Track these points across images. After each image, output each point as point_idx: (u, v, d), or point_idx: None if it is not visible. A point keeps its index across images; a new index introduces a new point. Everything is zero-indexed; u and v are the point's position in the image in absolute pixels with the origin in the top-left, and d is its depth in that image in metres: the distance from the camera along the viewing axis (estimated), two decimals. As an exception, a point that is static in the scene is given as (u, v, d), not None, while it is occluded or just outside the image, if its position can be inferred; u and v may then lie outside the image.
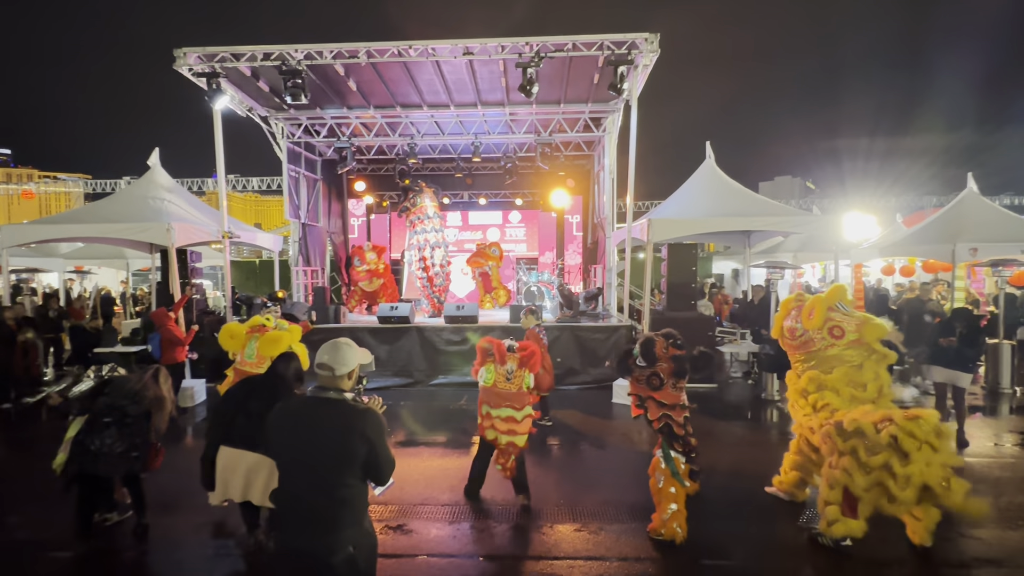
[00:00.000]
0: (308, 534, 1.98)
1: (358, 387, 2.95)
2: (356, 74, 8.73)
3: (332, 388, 2.10)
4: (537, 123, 10.75)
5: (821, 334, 3.80)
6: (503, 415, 4.03)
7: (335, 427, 2.02)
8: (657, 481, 3.68)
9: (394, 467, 2.13)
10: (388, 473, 2.10)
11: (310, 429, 2.04)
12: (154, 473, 3.85)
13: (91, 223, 8.24)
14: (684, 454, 3.63)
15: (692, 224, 8.04)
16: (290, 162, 10.81)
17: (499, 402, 4.04)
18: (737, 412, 6.98)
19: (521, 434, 4.03)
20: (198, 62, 7.73)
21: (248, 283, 16.61)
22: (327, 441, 2.01)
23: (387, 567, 3.38)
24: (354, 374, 2.16)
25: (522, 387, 4.08)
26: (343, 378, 2.11)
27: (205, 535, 3.78)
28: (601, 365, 8.01)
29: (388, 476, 2.11)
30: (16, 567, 3.45)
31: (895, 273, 12.22)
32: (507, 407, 4.03)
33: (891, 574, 3.31)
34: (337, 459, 1.99)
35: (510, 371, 4.08)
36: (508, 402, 4.04)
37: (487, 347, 4.21)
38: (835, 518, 3.41)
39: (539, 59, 7.28)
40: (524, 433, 4.05)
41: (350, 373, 2.13)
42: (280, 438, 2.09)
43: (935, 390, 5.73)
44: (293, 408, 2.13)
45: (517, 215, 14.15)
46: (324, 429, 2.03)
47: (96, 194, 30.44)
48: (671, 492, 3.61)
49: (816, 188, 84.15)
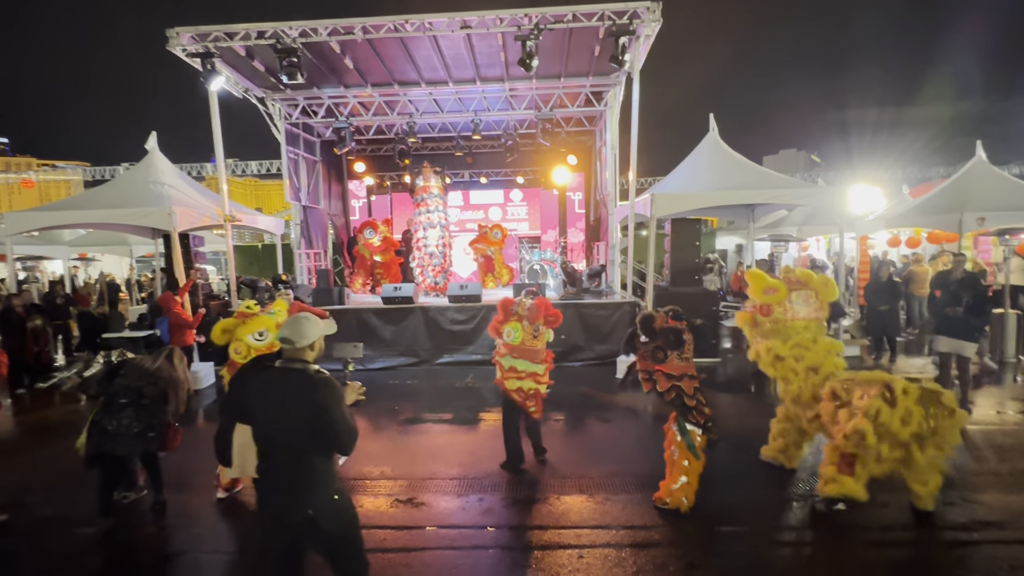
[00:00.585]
0: (275, 496, 2.18)
1: (343, 371, 3.02)
2: (352, 51, 8.57)
3: (296, 359, 2.24)
4: (537, 98, 10.57)
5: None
6: (528, 369, 4.24)
7: (294, 395, 2.17)
8: (672, 452, 3.72)
9: (355, 436, 2.24)
10: (347, 442, 2.21)
11: (275, 398, 2.20)
12: (170, 453, 3.94)
13: (92, 209, 8.23)
14: (698, 425, 3.65)
15: (696, 198, 7.96)
16: (289, 144, 10.71)
17: (527, 357, 4.24)
18: (740, 384, 7.03)
19: (543, 383, 4.30)
20: (191, 42, 7.60)
21: (252, 267, 16.65)
22: (288, 409, 2.17)
23: (398, 538, 3.47)
24: (316, 345, 2.30)
25: (545, 343, 4.33)
26: (304, 350, 2.25)
27: (221, 511, 3.87)
28: (605, 342, 8.04)
29: (348, 445, 2.22)
30: (41, 543, 3.55)
31: (900, 245, 12.11)
32: (530, 360, 4.23)
33: (894, 538, 3.37)
34: (296, 426, 2.15)
35: (537, 329, 4.27)
36: (534, 358, 4.25)
37: (512, 305, 4.35)
38: (831, 478, 3.50)
39: (538, 31, 7.12)
40: (546, 383, 4.33)
41: (312, 345, 2.27)
42: (252, 407, 2.25)
43: (940, 359, 5.73)
44: (262, 379, 2.28)
45: (519, 193, 14.03)
46: (285, 398, 2.18)
47: (95, 181, 30.32)
48: (684, 465, 3.65)
49: (821, 161, 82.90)
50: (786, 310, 4.03)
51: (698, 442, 3.64)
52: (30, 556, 3.43)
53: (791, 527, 3.52)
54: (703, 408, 3.66)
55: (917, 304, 9.47)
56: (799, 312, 4.03)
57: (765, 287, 4.08)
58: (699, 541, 3.36)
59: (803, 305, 4.03)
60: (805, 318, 4.03)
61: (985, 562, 3.11)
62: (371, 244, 11.08)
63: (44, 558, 3.40)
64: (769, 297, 4.06)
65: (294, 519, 2.16)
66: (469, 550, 3.33)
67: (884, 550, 3.26)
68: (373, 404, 6.38)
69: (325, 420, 2.14)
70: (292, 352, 2.25)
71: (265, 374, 2.30)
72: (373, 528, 3.60)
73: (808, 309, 4.05)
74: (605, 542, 3.36)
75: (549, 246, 12.94)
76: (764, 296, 4.08)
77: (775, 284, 4.06)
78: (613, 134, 10.02)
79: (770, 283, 4.08)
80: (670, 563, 3.13)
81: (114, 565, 3.38)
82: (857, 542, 3.35)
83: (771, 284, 4.07)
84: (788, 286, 4.06)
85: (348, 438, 2.20)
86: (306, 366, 2.24)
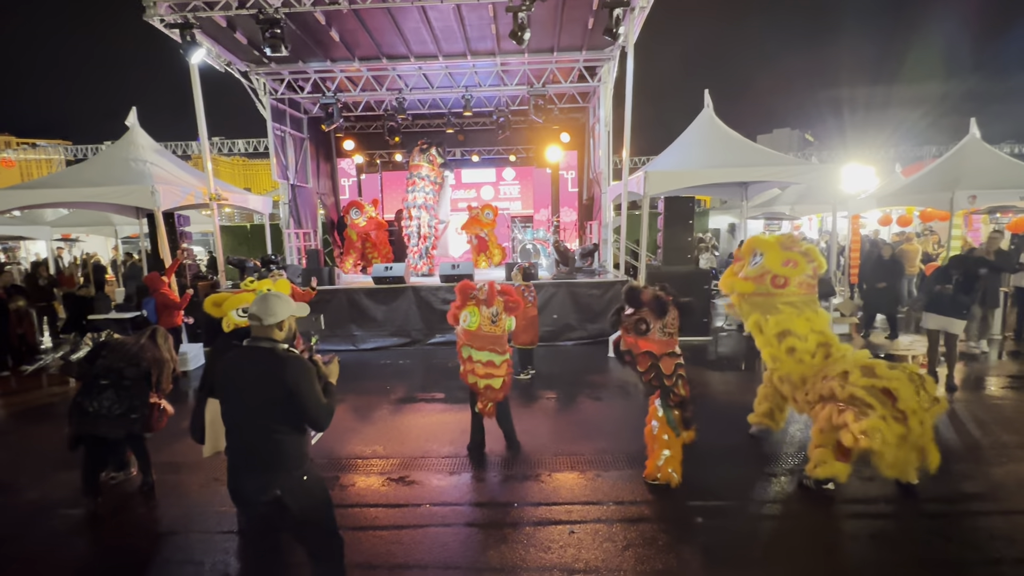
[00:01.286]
0: (242, 475, 2.19)
1: (309, 345, 3.01)
2: (338, 23, 8.29)
3: (264, 338, 2.22)
4: (530, 73, 10.35)
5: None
6: (483, 359, 4.01)
7: (261, 374, 2.16)
8: (652, 428, 3.75)
9: (330, 413, 2.24)
10: (320, 418, 2.20)
11: (243, 377, 2.19)
12: (160, 434, 3.90)
13: (72, 187, 8.00)
14: (677, 404, 3.67)
15: (690, 175, 7.88)
16: (275, 120, 10.45)
17: (483, 345, 4.03)
18: (731, 363, 7.08)
19: (497, 377, 4.03)
20: (169, 12, 7.31)
21: (241, 248, 16.40)
22: (255, 388, 2.16)
23: (391, 516, 3.48)
24: (285, 324, 2.27)
25: (505, 330, 4.06)
26: (272, 328, 2.23)
27: (212, 491, 3.85)
28: (597, 321, 8.04)
29: (322, 421, 2.22)
30: (28, 525, 3.53)
31: (892, 223, 12.16)
32: (489, 350, 4.01)
33: (879, 511, 3.43)
34: (264, 405, 2.15)
35: (495, 314, 4.03)
36: (491, 345, 4.01)
37: (470, 289, 4.13)
38: (821, 460, 3.53)
39: (530, 2, 6.90)
40: (501, 376, 4.04)
41: (280, 324, 2.25)
42: (222, 385, 2.25)
43: (928, 336, 5.79)
44: (231, 358, 2.27)
45: (511, 172, 13.85)
46: (253, 376, 2.17)
47: (77, 160, 29.56)
48: (664, 439, 3.69)
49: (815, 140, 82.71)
50: (803, 284, 3.92)
51: (676, 417, 3.68)
52: (16, 539, 3.40)
53: (779, 501, 3.57)
54: (680, 388, 3.66)
55: (906, 282, 9.54)
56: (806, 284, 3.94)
57: (785, 259, 3.91)
58: (688, 515, 3.40)
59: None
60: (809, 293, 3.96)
61: (967, 533, 3.18)
62: (357, 224, 10.94)
63: (29, 540, 3.37)
64: (788, 270, 3.89)
65: (261, 498, 2.16)
66: (461, 527, 3.35)
67: (869, 521, 3.32)
68: (365, 384, 6.36)
69: (297, 398, 2.13)
70: (260, 330, 2.23)
71: (233, 353, 2.28)
72: (365, 506, 3.61)
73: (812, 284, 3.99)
74: (596, 518, 3.39)
75: (542, 225, 12.84)
76: (783, 268, 3.89)
77: (796, 256, 3.90)
78: (607, 110, 9.86)
79: (791, 255, 3.91)
80: (659, 537, 3.16)
81: (99, 547, 3.36)
82: (842, 515, 3.41)
83: (792, 256, 3.90)
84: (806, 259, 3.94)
85: (321, 413, 2.20)
86: (274, 345, 2.22)
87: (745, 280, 4.03)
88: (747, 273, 4.05)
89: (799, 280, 3.89)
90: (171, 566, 3.07)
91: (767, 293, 3.94)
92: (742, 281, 4.05)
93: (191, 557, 3.11)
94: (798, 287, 3.89)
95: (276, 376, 2.13)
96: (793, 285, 3.88)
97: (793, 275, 3.88)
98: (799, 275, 3.88)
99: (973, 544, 3.07)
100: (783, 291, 3.89)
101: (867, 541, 3.12)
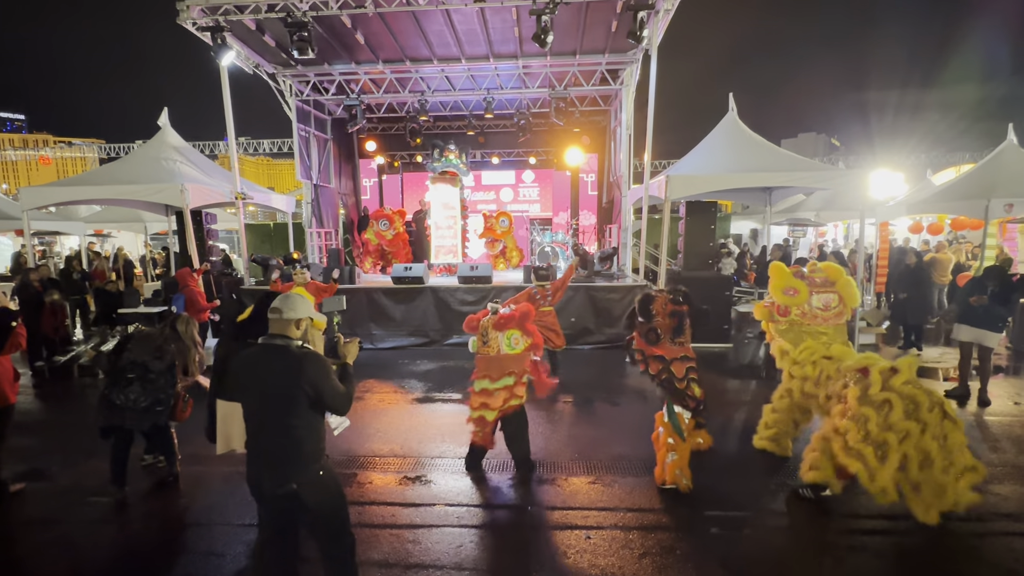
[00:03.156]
0: (260, 469, 2.24)
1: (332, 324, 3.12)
2: (364, 26, 8.42)
3: (279, 335, 2.29)
4: (552, 76, 10.35)
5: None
6: (477, 388, 3.86)
7: (279, 372, 2.21)
8: (658, 433, 3.74)
9: (349, 398, 2.33)
10: (342, 405, 2.30)
11: (259, 373, 2.25)
12: (183, 427, 3.99)
13: (106, 185, 8.28)
14: (688, 409, 3.63)
15: (712, 180, 7.77)
16: (300, 121, 10.64)
17: (478, 371, 3.89)
18: (750, 370, 6.96)
19: (492, 409, 3.81)
20: (201, 15, 7.51)
21: (263, 246, 16.73)
22: (272, 385, 2.22)
23: (406, 515, 3.50)
24: (302, 324, 2.35)
25: (501, 350, 3.82)
26: (291, 324, 2.31)
27: (236, 484, 3.93)
28: (615, 325, 7.99)
29: (341, 408, 2.31)
30: (62, 510, 3.65)
31: (923, 231, 11.81)
32: (484, 377, 3.84)
33: (906, 527, 3.32)
34: (282, 401, 2.20)
35: (486, 335, 3.88)
36: (485, 371, 3.84)
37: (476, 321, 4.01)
38: (815, 465, 3.46)
39: (554, 5, 6.91)
40: (495, 408, 3.81)
41: (298, 322, 2.33)
42: (238, 383, 2.30)
43: (960, 349, 5.60)
44: (247, 356, 2.32)
45: (531, 174, 13.86)
46: (270, 374, 2.23)
47: (110, 158, 30.56)
48: (669, 443, 3.67)
49: (841, 145, 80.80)
50: (804, 313, 3.89)
51: (685, 424, 3.63)
52: (52, 523, 3.52)
53: (799, 514, 3.49)
54: (693, 392, 3.61)
55: (937, 292, 9.25)
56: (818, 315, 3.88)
57: (785, 286, 3.92)
58: (706, 525, 3.34)
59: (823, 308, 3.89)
60: (824, 322, 3.88)
61: (999, 553, 3.06)
62: (383, 236, 11.04)
63: (63, 526, 3.48)
64: (788, 298, 3.91)
65: (277, 492, 2.22)
66: (477, 528, 3.35)
67: (897, 539, 3.22)
68: (383, 383, 6.42)
69: (314, 392, 2.20)
70: (277, 324, 2.30)
71: (248, 351, 2.33)
72: (382, 504, 3.64)
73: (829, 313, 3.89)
74: (613, 524, 3.36)
75: (561, 228, 12.81)
76: (783, 296, 3.93)
77: (797, 284, 3.90)
78: (628, 114, 9.80)
79: (792, 283, 3.92)
80: (676, 546, 3.12)
81: (125, 534, 3.46)
82: (863, 530, 3.31)
83: (792, 284, 3.91)
84: (810, 287, 3.91)
85: (339, 401, 2.30)
86: (288, 342, 2.29)
87: (760, 308, 4.16)
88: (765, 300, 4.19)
89: (800, 308, 3.88)
90: (195, 556, 3.13)
91: (775, 320, 4.00)
92: (759, 307, 4.18)
93: (213, 548, 3.18)
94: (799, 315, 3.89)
95: (291, 372, 2.20)
96: (794, 314, 3.90)
97: (792, 303, 3.90)
98: (799, 302, 3.88)
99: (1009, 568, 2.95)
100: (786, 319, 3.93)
101: (893, 559, 3.03)
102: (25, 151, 61.14)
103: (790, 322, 3.94)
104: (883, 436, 3.10)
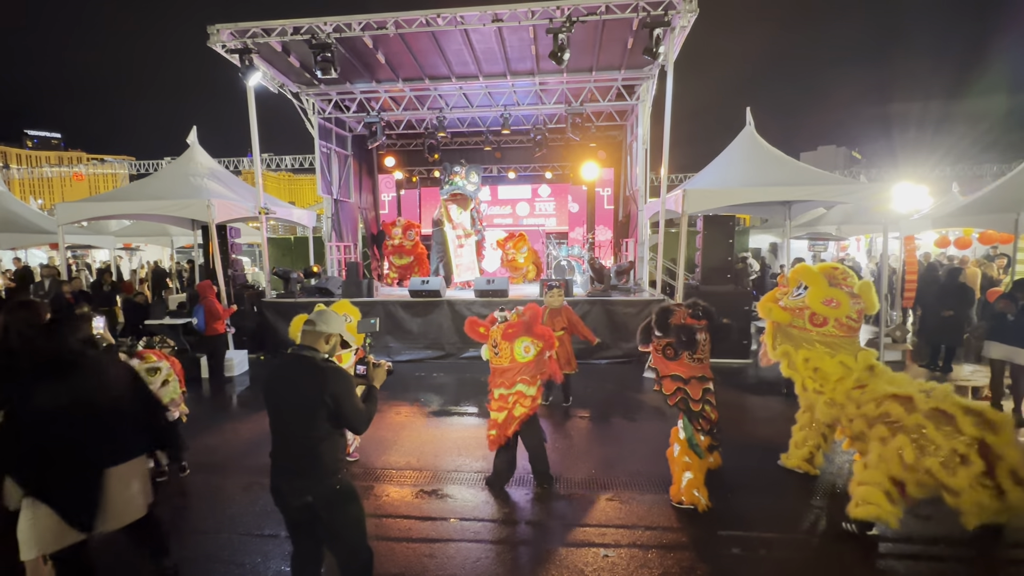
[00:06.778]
0: (280, 478, 2.29)
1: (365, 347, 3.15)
2: (385, 46, 8.66)
3: (307, 347, 2.34)
4: (568, 92, 10.47)
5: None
6: (495, 395, 3.86)
7: (302, 383, 2.26)
8: (673, 450, 3.69)
9: (368, 418, 2.35)
10: (359, 422, 2.33)
11: (285, 385, 2.30)
12: (204, 437, 4.07)
13: (136, 200, 8.57)
14: (702, 431, 3.57)
15: (730, 194, 7.72)
16: (321, 138, 10.92)
17: (494, 380, 3.89)
18: (771, 387, 6.81)
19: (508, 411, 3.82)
20: (231, 38, 7.82)
21: (284, 259, 17.07)
22: (294, 395, 2.27)
23: (421, 529, 3.50)
24: (332, 339, 2.39)
25: (515, 359, 3.79)
26: (322, 337, 2.36)
27: (254, 494, 3.98)
28: (631, 340, 7.92)
29: (359, 426, 2.34)
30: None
31: (949, 246, 11.51)
32: (500, 386, 3.84)
33: (939, 552, 3.20)
34: (302, 412, 2.25)
35: (494, 344, 3.85)
36: (500, 379, 3.84)
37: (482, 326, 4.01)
38: (865, 500, 3.19)
39: (571, 23, 7.03)
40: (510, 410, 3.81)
41: (328, 336, 2.38)
42: (267, 392, 2.36)
43: (992, 367, 5.42)
44: (276, 366, 2.39)
45: (547, 189, 13.95)
46: (294, 385, 2.28)
47: (140, 175, 31.67)
48: (685, 461, 3.61)
49: (863, 158, 79.50)
50: (841, 324, 3.72)
51: (700, 440, 3.57)
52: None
53: (825, 536, 3.39)
54: (709, 414, 3.56)
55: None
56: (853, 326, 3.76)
57: (825, 296, 3.75)
58: (725, 546, 3.27)
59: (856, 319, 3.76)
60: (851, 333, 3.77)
61: (1038, 583, 2.93)
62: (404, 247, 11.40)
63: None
64: (829, 310, 3.73)
65: (294, 502, 2.26)
66: (493, 544, 3.33)
67: (930, 564, 3.10)
68: (399, 396, 6.46)
69: (335, 406, 2.24)
70: (309, 336, 2.36)
71: (278, 362, 2.40)
72: (398, 517, 3.64)
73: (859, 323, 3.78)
74: (630, 542, 3.30)
75: (577, 242, 12.83)
76: (822, 307, 3.74)
77: (836, 295, 3.73)
78: (644, 128, 9.84)
79: (832, 293, 3.74)
80: (696, 567, 3.05)
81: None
82: (891, 554, 3.20)
83: (833, 295, 3.74)
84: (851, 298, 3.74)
85: (358, 419, 2.33)
86: (315, 355, 2.33)
87: (784, 309, 3.91)
88: (787, 303, 3.94)
89: (838, 320, 3.72)
90: (213, 564, 3.17)
91: (803, 328, 3.82)
92: (779, 309, 3.92)
93: (232, 558, 3.21)
94: (836, 327, 3.72)
95: (315, 384, 2.24)
96: (831, 325, 3.73)
97: (832, 315, 3.73)
98: (839, 315, 3.72)
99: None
100: (820, 329, 3.77)
101: (924, 585, 2.92)
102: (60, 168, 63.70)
103: (823, 334, 3.75)
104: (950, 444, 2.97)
